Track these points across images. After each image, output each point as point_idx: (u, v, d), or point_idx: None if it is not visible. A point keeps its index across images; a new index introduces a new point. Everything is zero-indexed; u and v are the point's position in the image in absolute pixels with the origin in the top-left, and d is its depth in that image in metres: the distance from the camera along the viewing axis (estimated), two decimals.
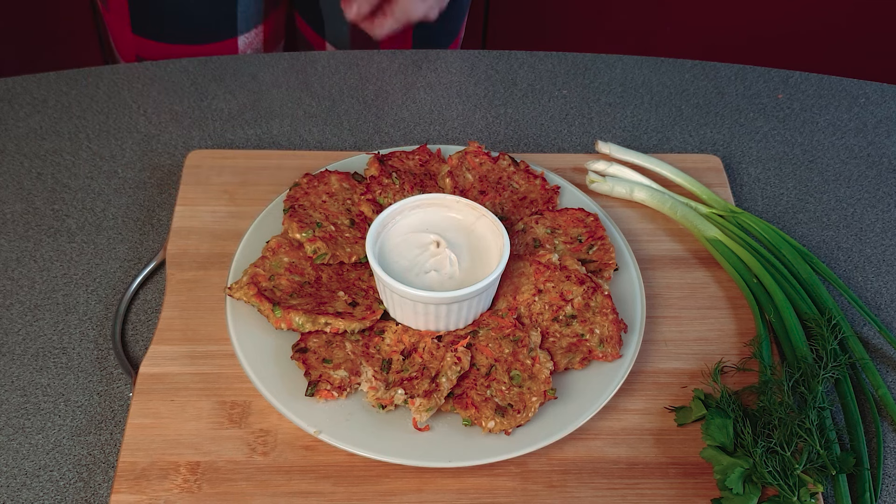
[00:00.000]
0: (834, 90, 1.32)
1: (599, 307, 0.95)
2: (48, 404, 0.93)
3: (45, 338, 0.98)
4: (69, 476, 0.88)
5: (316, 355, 0.90)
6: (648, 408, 0.93)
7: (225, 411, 0.91)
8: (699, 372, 0.96)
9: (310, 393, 0.88)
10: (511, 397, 0.88)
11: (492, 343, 0.92)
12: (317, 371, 0.89)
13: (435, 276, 0.92)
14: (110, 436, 0.91)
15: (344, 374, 0.89)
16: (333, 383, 0.88)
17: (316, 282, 0.97)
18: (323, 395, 0.88)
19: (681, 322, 1.01)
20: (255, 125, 1.22)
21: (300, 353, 0.91)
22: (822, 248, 1.11)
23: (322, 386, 0.88)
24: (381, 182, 1.04)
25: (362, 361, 0.90)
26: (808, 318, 0.98)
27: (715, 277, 1.05)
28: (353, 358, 0.90)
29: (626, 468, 0.88)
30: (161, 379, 0.93)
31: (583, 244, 1.02)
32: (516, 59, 1.34)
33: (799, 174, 1.20)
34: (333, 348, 0.91)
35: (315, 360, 0.90)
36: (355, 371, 0.89)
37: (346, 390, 0.88)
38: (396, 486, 0.86)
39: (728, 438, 0.86)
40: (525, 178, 1.09)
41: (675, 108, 1.28)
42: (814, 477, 0.83)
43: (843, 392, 0.94)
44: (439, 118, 1.25)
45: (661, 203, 1.10)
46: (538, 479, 0.87)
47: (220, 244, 1.04)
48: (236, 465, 0.87)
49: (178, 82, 1.27)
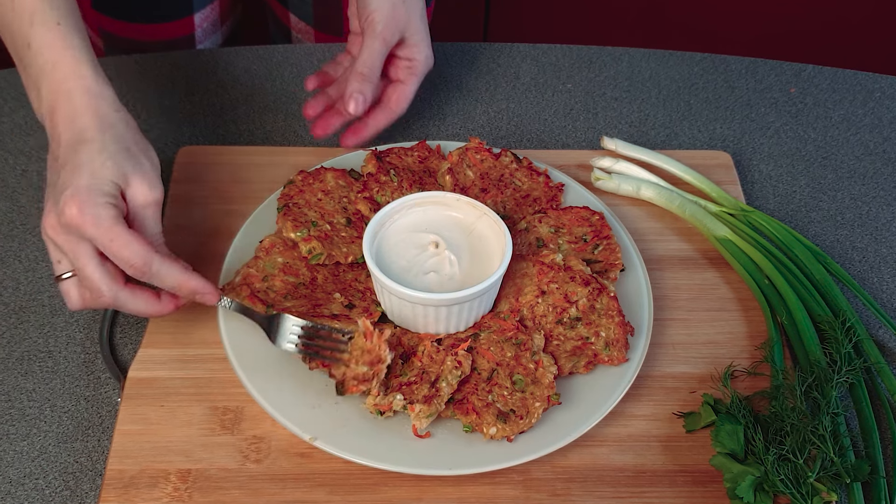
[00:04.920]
0: (848, 84, 1.32)
1: (605, 309, 0.95)
2: (33, 410, 0.93)
3: (31, 341, 0.98)
4: (55, 484, 0.88)
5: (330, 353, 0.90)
6: (656, 413, 0.93)
7: (217, 417, 0.91)
8: (708, 376, 0.96)
9: (340, 393, 0.88)
10: (513, 402, 0.88)
11: (493, 346, 0.92)
12: (340, 370, 0.89)
13: (434, 277, 0.92)
14: (98, 442, 0.91)
15: (364, 368, 0.88)
16: (358, 378, 0.88)
17: (311, 283, 0.97)
18: (352, 391, 0.88)
19: (689, 324, 1.01)
20: (248, 120, 1.22)
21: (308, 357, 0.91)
22: (836, 248, 1.11)
23: (349, 383, 0.88)
24: (379, 179, 1.04)
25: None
26: (822, 320, 0.98)
27: (725, 278, 1.05)
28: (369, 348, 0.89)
29: (633, 476, 0.88)
30: (150, 383, 0.93)
31: (588, 244, 1.02)
32: (519, 51, 1.35)
33: (812, 171, 1.20)
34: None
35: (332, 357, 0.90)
36: (375, 362, 0.88)
37: (371, 381, 0.88)
38: (394, 494, 0.86)
39: (738, 445, 0.86)
40: (528, 176, 1.09)
41: (684, 102, 1.28)
42: (827, 485, 0.83)
43: (858, 397, 0.94)
44: (439, 113, 1.25)
45: (668, 201, 1.11)
46: (541, 488, 0.87)
47: (211, 244, 1.04)
48: (228, 473, 0.87)
49: (169, 76, 1.27)
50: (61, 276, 0.88)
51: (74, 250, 0.84)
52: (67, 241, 0.84)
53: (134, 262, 0.84)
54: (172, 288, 0.88)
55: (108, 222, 0.83)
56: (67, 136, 0.86)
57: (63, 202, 0.83)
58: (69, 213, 0.82)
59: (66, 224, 0.83)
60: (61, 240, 0.84)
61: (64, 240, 0.84)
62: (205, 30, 1.41)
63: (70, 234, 0.84)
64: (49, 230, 0.85)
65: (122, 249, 0.83)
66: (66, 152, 0.86)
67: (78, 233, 0.83)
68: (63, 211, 0.82)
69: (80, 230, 0.82)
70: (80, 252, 0.84)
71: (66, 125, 0.86)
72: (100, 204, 0.83)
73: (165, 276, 0.86)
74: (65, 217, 0.82)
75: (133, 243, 0.83)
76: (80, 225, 0.82)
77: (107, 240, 0.83)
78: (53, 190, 0.85)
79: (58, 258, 0.87)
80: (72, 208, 0.82)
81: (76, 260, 0.85)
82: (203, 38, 1.42)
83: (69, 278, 0.87)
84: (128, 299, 0.87)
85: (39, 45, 0.88)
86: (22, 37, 0.89)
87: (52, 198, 0.85)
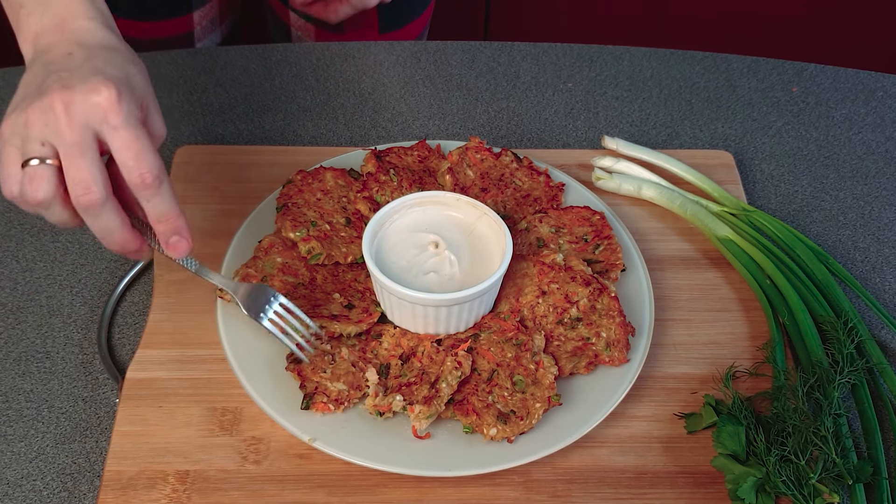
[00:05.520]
0: (851, 83, 1.32)
1: (606, 309, 0.95)
2: (31, 411, 0.93)
3: (28, 341, 0.98)
4: (53, 486, 0.88)
5: (312, 365, 0.90)
6: (657, 414, 0.93)
7: (215, 418, 0.91)
8: (710, 377, 0.96)
9: (305, 406, 0.88)
10: (514, 403, 0.88)
11: (494, 347, 0.92)
12: (312, 383, 0.89)
13: (434, 278, 0.92)
14: (96, 444, 0.91)
15: (343, 386, 0.88)
16: (330, 396, 0.88)
17: (310, 283, 0.97)
18: (319, 409, 0.88)
19: (691, 325, 1.01)
20: (246, 119, 1.22)
21: (295, 364, 0.91)
22: (839, 248, 1.11)
23: (318, 399, 0.88)
24: (379, 179, 1.04)
25: (368, 367, 0.89)
26: (824, 320, 0.98)
27: (726, 278, 1.05)
28: (354, 371, 0.90)
29: (634, 477, 0.88)
30: (149, 384, 0.93)
31: (588, 244, 1.02)
32: (519, 50, 1.34)
33: (814, 171, 1.20)
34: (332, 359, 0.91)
35: (311, 370, 0.90)
36: (356, 385, 0.89)
37: (343, 404, 0.88)
38: (394, 495, 0.86)
39: (740, 446, 0.86)
40: (528, 175, 1.09)
41: (685, 101, 1.28)
42: (829, 486, 0.83)
43: (860, 398, 0.94)
44: (439, 112, 1.25)
45: (670, 201, 1.11)
46: (542, 489, 0.87)
47: (210, 244, 1.04)
48: (227, 474, 0.87)
49: (167, 74, 1.27)
50: (29, 160, 0.76)
51: (78, 133, 0.75)
52: (75, 123, 0.75)
53: (150, 169, 0.77)
54: (160, 216, 0.80)
55: (136, 121, 0.76)
56: (90, 39, 0.79)
57: (94, 84, 0.74)
58: (105, 95, 0.74)
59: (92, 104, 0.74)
60: (72, 120, 0.74)
61: (75, 120, 0.74)
62: (203, 27, 1.41)
63: (86, 116, 0.75)
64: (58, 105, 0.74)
65: (142, 152, 0.76)
66: (88, 50, 0.78)
67: (100, 119, 0.75)
68: (95, 91, 0.74)
69: (106, 116, 0.74)
70: (85, 138, 0.75)
71: (84, 32, 0.79)
72: (133, 102, 0.76)
73: (164, 201, 0.79)
74: (96, 97, 0.74)
75: (154, 152, 0.77)
76: (112, 111, 0.74)
77: (132, 136, 0.75)
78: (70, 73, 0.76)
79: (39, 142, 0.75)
80: (109, 91, 0.74)
81: (79, 144, 0.75)
82: (202, 36, 1.42)
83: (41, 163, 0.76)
84: (110, 211, 0.78)
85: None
86: None
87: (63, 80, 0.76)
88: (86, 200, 0.77)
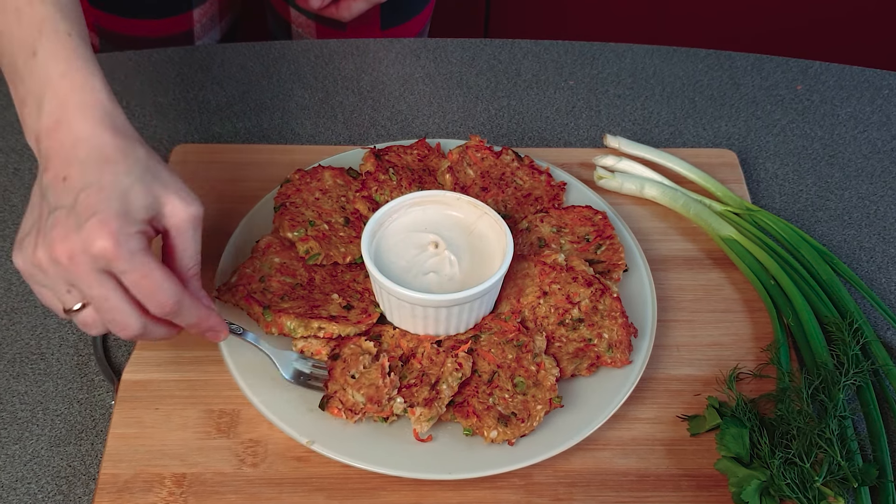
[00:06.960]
0: (856, 81, 1.32)
1: (608, 310, 0.95)
2: (25, 413, 0.93)
3: (23, 342, 0.98)
4: (48, 489, 0.88)
5: (345, 365, 0.90)
6: (660, 416, 0.93)
7: (212, 420, 0.91)
8: (713, 379, 0.96)
9: (321, 406, 0.88)
10: (515, 405, 0.88)
11: (494, 348, 0.92)
12: (337, 384, 0.89)
13: (434, 278, 0.92)
14: (91, 446, 0.91)
15: (361, 398, 0.88)
16: (346, 403, 0.88)
17: (308, 283, 0.97)
18: (333, 413, 0.88)
19: (694, 326, 1.01)
20: (244, 118, 1.22)
21: (331, 360, 0.91)
22: (844, 248, 1.11)
23: (334, 403, 0.88)
24: (378, 178, 1.04)
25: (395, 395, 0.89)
26: (829, 321, 0.98)
27: (730, 279, 1.05)
28: (378, 385, 0.89)
29: (636, 480, 0.88)
30: (145, 386, 0.93)
31: (590, 244, 1.02)
32: (520, 48, 1.34)
33: (819, 170, 1.20)
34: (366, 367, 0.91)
35: (340, 370, 0.90)
36: (375, 399, 0.88)
37: (357, 415, 0.87)
38: (393, 499, 0.86)
39: (744, 449, 0.86)
40: (529, 174, 1.09)
41: (688, 99, 1.28)
42: (834, 490, 0.83)
43: (866, 400, 0.94)
44: (439, 111, 1.25)
45: (673, 200, 1.10)
46: (543, 492, 0.87)
47: (207, 243, 1.03)
48: (224, 478, 0.87)
49: (163, 72, 1.27)
50: (72, 308, 0.80)
51: (95, 283, 0.77)
52: (87, 273, 0.77)
53: (166, 301, 0.79)
54: (190, 326, 0.83)
55: (141, 257, 0.77)
56: (84, 153, 0.79)
57: (90, 230, 0.76)
58: (101, 245, 0.75)
59: (94, 255, 0.76)
60: (81, 270, 0.77)
61: (85, 271, 0.77)
62: (203, 25, 1.41)
63: (92, 265, 0.77)
64: (64, 259, 0.77)
65: (155, 289, 0.78)
66: (82, 171, 0.78)
67: (105, 265, 0.77)
68: (92, 241, 0.75)
69: (110, 263, 0.76)
70: (104, 284, 0.78)
71: (79, 141, 0.80)
72: (132, 235, 0.77)
73: (189, 314, 0.81)
74: (95, 248, 0.75)
75: (166, 282, 0.78)
76: (114, 258, 0.76)
77: (139, 276, 0.77)
78: (67, 213, 0.78)
79: (65, 289, 0.79)
80: (105, 240, 0.75)
81: (99, 293, 0.78)
82: (202, 34, 1.42)
83: (82, 308, 0.80)
84: (153, 328, 0.82)
85: (48, 54, 0.82)
86: (26, 46, 0.83)
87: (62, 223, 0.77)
88: (127, 336, 0.81)
